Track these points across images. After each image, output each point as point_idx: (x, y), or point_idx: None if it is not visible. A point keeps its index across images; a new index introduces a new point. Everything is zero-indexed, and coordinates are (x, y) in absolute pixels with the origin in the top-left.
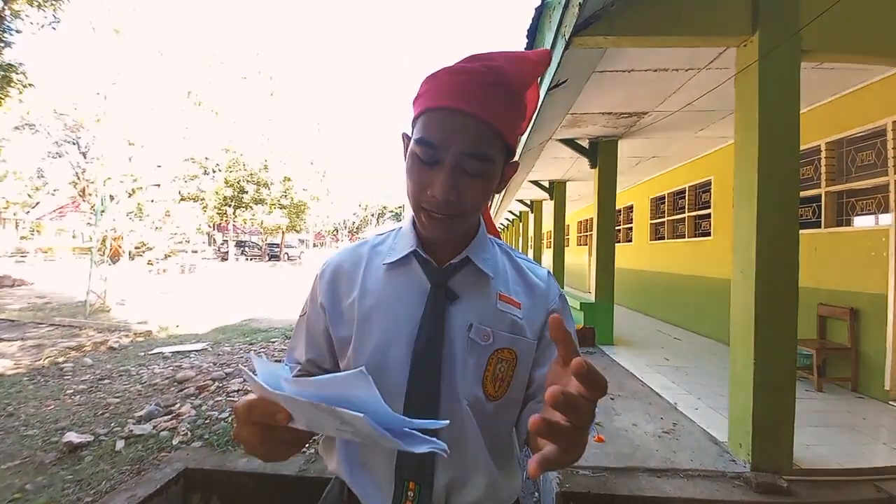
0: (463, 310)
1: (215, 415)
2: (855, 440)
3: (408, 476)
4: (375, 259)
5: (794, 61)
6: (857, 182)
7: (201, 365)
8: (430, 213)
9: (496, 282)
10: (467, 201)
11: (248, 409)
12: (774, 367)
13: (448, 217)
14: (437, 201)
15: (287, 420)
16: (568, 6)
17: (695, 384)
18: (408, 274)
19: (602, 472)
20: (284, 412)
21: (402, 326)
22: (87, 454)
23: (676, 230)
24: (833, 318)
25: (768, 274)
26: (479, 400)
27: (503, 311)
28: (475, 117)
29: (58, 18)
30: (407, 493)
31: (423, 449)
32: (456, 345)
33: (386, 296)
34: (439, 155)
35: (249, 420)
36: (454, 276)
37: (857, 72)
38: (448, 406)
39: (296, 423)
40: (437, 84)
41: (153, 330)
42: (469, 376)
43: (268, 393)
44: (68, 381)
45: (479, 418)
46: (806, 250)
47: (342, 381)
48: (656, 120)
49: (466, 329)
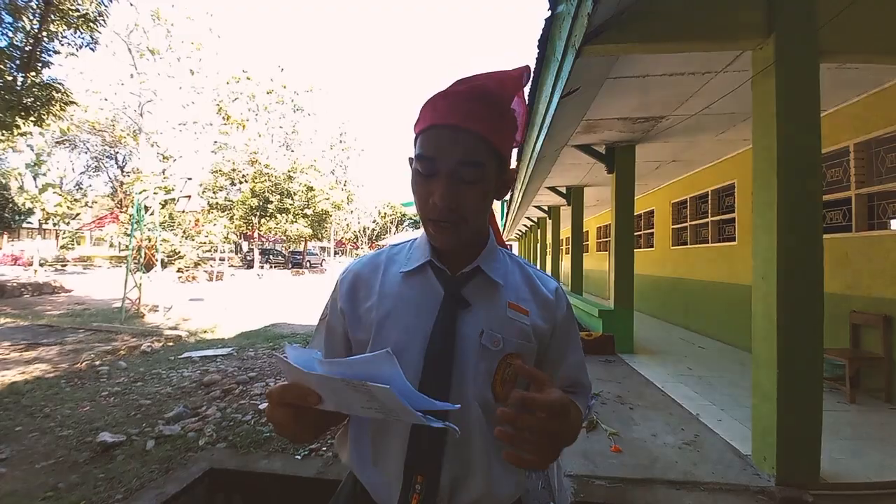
0: (475, 317)
1: (239, 417)
2: (887, 453)
3: (417, 470)
4: (392, 267)
5: (812, 63)
6: (888, 184)
7: (227, 369)
8: (436, 223)
9: (505, 290)
10: (466, 206)
11: (283, 392)
12: (799, 377)
13: (452, 225)
14: (438, 208)
15: (318, 402)
16: (577, 16)
17: (718, 394)
18: (423, 282)
19: (619, 483)
20: (315, 394)
21: (416, 331)
22: (119, 453)
23: (699, 235)
24: (866, 325)
25: (790, 280)
26: (489, 402)
27: (512, 318)
28: (464, 130)
29: (95, 40)
30: (415, 487)
31: (438, 424)
32: (468, 350)
33: (402, 302)
34: (436, 167)
35: (283, 401)
36: (466, 285)
37: (885, 71)
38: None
39: (325, 404)
40: (430, 108)
41: (183, 335)
42: (480, 380)
43: (301, 375)
44: (104, 383)
45: (488, 419)
46: (836, 255)
47: (370, 360)
48: (674, 124)
49: (478, 335)
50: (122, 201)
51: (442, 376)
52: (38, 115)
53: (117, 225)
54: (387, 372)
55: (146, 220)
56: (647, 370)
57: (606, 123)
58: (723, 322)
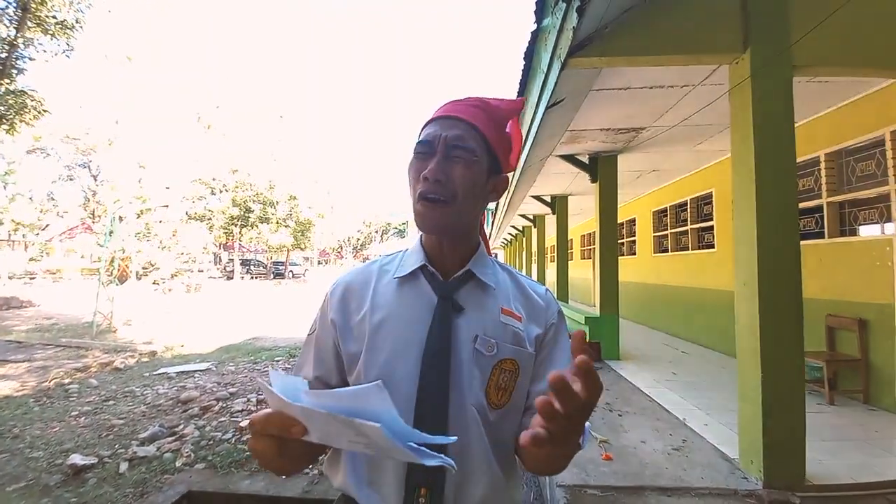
0: (468, 321)
1: (219, 436)
2: (868, 453)
3: (419, 482)
4: (384, 277)
5: (786, 77)
6: (858, 192)
7: (205, 385)
8: (425, 197)
9: (498, 295)
10: (455, 182)
11: (265, 422)
12: (783, 380)
13: (443, 203)
14: (428, 182)
15: (302, 433)
16: (563, 30)
17: (704, 399)
18: (416, 288)
19: (611, 492)
20: (300, 426)
21: (411, 337)
22: (91, 476)
23: (680, 242)
24: (842, 329)
25: (771, 285)
26: (484, 408)
27: (506, 323)
28: (463, 120)
29: (71, 47)
30: (418, 500)
31: (433, 462)
32: (462, 355)
33: (395, 309)
34: (429, 148)
35: (265, 432)
36: (459, 290)
37: (854, 84)
38: (456, 413)
39: (310, 436)
40: (436, 111)
41: (158, 350)
42: (476, 385)
43: (285, 405)
44: (74, 402)
45: (485, 426)
46: (811, 261)
47: (359, 393)
48: (654, 135)
49: (472, 340)
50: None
51: (439, 383)
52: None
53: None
54: (377, 406)
55: (120, 231)
56: (634, 376)
57: (590, 134)
58: (704, 327)
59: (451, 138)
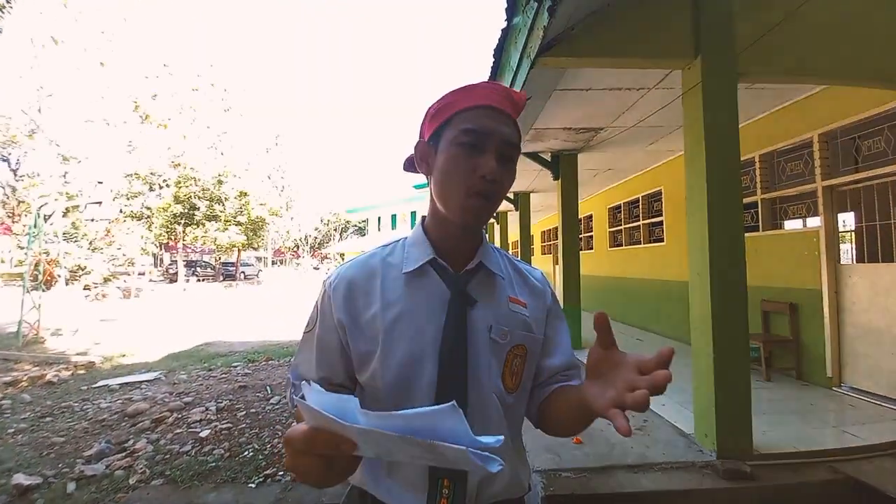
0: (482, 313)
1: (176, 448)
2: (805, 424)
3: (442, 473)
4: (391, 271)
5: (732, 82)
6: (788, 189)
7: (155, 396)
8: (481, 194)
9: (504, 284)
10: (503, 184)
11: (310, 441)
12: (732, 361)
13: (495, 201)
14: (486, 181)
15: (353, 450)
16: (533, 28)
17: None
18: (427, 283)
19: (583, 473)
20: (350, 442)
21: (427, 333)
22: (38, 497)
23: (632, 237)
24: (776, 312)
25: (721, 275)
26: (503, 394)
27: (514, 311)
28: (510, 117)
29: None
30: (442, 491)
31: (496, 468)
32: (479, 346)
33: (408, 305)
34: (484, 141)
35: (312, 452)
36: (470, 282)
37: (785, 90)
38: (476, 404)
39: (362, 451)
40: (470, 92)
41: (96, 361)
42: (493, 373)
43: (336, 426)
44: (8, 418)
45: (504, 410)
46: (748, 252)
47: (432, 414)
48: (611, 135)
49: (487, 330)
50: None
51: (458, 375)
52: None
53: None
54: (452, 426)
55: (45, 231)
56: None
57: (552, 132)
58: (656, 315)
59: (506, 137)
